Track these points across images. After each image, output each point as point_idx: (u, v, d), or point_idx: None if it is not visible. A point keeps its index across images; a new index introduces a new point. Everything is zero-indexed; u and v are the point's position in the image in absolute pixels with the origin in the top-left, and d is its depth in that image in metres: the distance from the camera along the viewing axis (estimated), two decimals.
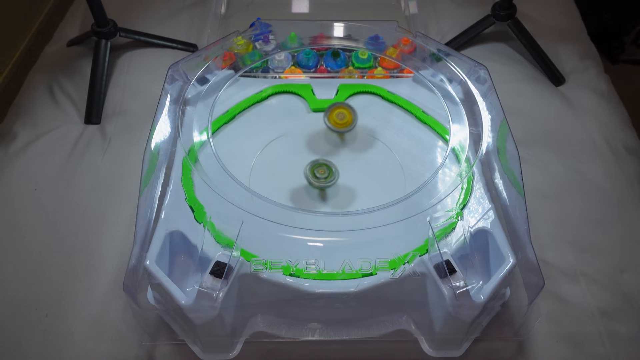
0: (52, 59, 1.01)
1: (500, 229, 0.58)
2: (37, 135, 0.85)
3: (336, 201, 0.64)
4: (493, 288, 0.54)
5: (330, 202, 0.64)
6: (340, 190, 0.65)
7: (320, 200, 0.64)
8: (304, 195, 0.64)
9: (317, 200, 0.64)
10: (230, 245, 0.55)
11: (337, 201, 0.64)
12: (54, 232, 0.72)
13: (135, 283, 0.55)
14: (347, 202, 0.63)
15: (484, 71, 0.72)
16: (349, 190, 0.65)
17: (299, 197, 0.64)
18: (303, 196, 0.64)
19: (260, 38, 0.80)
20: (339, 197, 0.64)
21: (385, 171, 0.68)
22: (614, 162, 0.84)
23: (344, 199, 0.64)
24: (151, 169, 0.62)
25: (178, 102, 0.69)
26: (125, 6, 1.10)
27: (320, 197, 0.64)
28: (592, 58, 1.03)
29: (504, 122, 0.66)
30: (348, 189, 0.65)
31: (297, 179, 0.66)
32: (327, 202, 0.64)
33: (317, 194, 0.64)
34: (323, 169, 0.62)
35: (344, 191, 0.65)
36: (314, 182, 0.61)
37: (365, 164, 0.69)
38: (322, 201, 0.64)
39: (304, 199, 0.64)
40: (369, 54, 0.79)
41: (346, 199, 0.64)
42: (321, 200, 0.64)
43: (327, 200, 0.64)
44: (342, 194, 0.65)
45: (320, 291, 0.54)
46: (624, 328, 0.65)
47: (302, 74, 0.79)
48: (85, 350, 0.61)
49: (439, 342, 0.60)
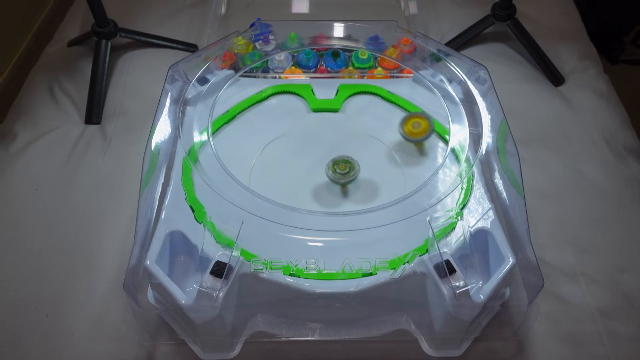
0: (52, 59, 1.01)
1: (500, 229, 0.58)
2: (37, 135, 0.85)
3: (336, 201, 0.64)
4: (493, 288, 0.54)
5: (330, 202, 0.64)
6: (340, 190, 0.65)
7: (320, 200, 0.64)
8: (304, 195, 0.64)
9: (317, 200, 0.64)
10: (230, 245, 0.55)
11: (337, 201, 0.64)
12: (54, 232, 0.72)
13: (136, 283, 0.55)
14: (347, 202, 0.63)
15: (483, 71, 0.72)
16: (349, 190, 0.65)
17: (299, 197, 0.64)
18: (303, 196, 0.64)
19: (260, 38, 0.80)
20: (339, 197, 0.64)
21: (385, 171, 0.68)
22: (614, 162, 0.84)
23: (344, 198, 0.64)
24: (151, 169, 0.62)
25: (178, 102, 0.69)
26: (126, 6, 1.10)
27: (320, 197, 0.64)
28: (591, 58, 1.03)
29: (504, 122, 0.66)
30: (348, 189, 0.65)
31: (298, 179, 0.66)
32: (326, 201, 0.64)
33: (318, 194, 0.65)
34: (344, 165, 0.63)
35: (344, 191, 0.65)
36: (337, 179, 0.63)
37: (365, 164, 0.69)
38: (322, 201, 0.64)
39: (304, 199, 0.64)
40: (369, 54, 0.79)
41: (346, 199, 0.64)
42: (321, 200, 0.64)
43: (326, 200, 0.64)
44: (342, 193, 0.65)
45: (320, 291, 0.54)
46: (624, 328, 0.65)
47: (302, 74, 0.79)
48: (85, 350, 0.61)
49: (438, 342, 0.60)
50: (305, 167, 0.68)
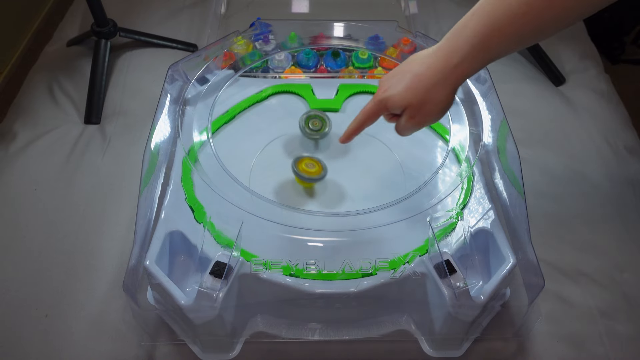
0: (52, 59, 1.01)
1: (500, 229, 0.58)
2: (37, 135, 0.85)
3: (336, 201, 0.64)
4: (493, 288, 0.54)
5: (330, 202, 0.64)
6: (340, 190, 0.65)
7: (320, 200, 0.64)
8: (304, 195, 0.64)
9: (317, 200, 0.64)
10: (230, 245, 0.55)
11: (337, 201, 0.64)
12: (54, 232, 0.72)
13: (135, 283, 0.55)
14: (347, 202, 0.63)
15: (484, 71, 0.72)
16: (349, 190, 0.65)
17: (299, 197, 0.64)
18: (303, 196, 0.64)
19: (260, 38, 0.80)
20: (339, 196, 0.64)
21: (385, 171, 0.68)
22: (614, 162, 0.84)
23: (344, 199, 0.64)
24: (151, 169, 0.62)
25: (178, 102, 0.69)
26: (125, 6, 1.10)
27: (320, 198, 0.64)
28: (592, 58, 1.03)
29: (504, 122, 0.66)
30: (348, 189, 0.65)
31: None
32: (326, 201, 0.64)
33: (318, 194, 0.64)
34: (317, 121, 0.66)
35: (344, 191, 0.65)
36: (309, 133, 0.66)
37: (366, 164, 0.69)
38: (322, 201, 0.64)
39: (304, 199, 0.64)
40: (369, 54, 0.79)
41: (346, 199, 0.64)
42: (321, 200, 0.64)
43: (326, 200, 0.64)
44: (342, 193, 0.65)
45: (320, 291, 0.54)
46: (624, 328, 0.65)
47: (302, 74, 0.79)
48: (85, 350, 0.61)
49: (439, 342, 0.60)
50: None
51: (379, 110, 0.56)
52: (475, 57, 0.49)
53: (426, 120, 0.53)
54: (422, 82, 0.51)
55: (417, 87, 0.51)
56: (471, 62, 0.49)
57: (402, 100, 0.52)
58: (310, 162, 0.63)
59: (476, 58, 0.49)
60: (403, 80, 0.53)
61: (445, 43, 0.50)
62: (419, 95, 0.52)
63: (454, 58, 0.49)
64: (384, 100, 0.54)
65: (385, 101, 0.54)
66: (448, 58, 0.50)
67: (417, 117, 0.53)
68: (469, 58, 0.49)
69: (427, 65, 0.51)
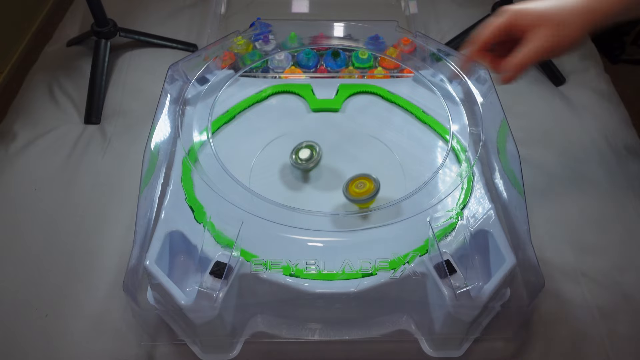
0: (52, 59, 1.01)
1: (500, 229, 0.58)
2: (37, 135, 0.85)
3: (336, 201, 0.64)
4: (493, 288, 0.54)
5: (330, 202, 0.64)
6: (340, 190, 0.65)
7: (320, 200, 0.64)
8: (304, 195, 0.64)
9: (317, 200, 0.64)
10: (230, 245, 0.55)
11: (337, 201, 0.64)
12: (54, 232, 0.72)
13: (135, 283, 0.55)
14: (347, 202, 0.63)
15: (484, 71, 0.72)
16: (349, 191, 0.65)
17: (299, 197, 0.64)
18: (303, 196, 0.64)
19: (260, 38, 0.80)
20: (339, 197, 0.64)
21: (385, 171, 0.68)
22: (614, 162, 0.84)
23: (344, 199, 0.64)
24: (151, 169, 0.62)
25: (178, 102, 0.69)
26: (125, 6, 1.10)
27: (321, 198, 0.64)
28: (592, 58, 1.03)
29: (504, 122, 0.66)
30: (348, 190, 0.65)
31: (298, 179, 0.66)
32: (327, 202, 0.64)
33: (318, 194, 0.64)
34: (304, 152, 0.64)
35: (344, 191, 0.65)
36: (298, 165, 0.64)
37: (366, 164, 0.69)
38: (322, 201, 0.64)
39: (304, 199, 0.64)
40: (369, 54, 0.79)
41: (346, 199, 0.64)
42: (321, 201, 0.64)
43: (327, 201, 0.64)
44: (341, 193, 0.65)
45: (320, 291, 0.54)
46: (624, 328, 0.65)
47: (302, 74, 0.79)
48: (85, 350, 0.61)
49: (439, 342, 0.60)
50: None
51: (510, 24, 0.50)
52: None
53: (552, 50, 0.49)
54: (564, 7, 0.48)
55: (558, 9, 0.48)
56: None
57: (540, 15, 0.49)
58: (360, 182, 0.61)
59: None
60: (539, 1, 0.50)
61: None
62: (558, 16, 0.48)
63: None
64: (519, 12, 0.50)
65: (520, 13, 0.50)
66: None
67: (546, 43, 0.48)
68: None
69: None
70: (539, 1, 0.50)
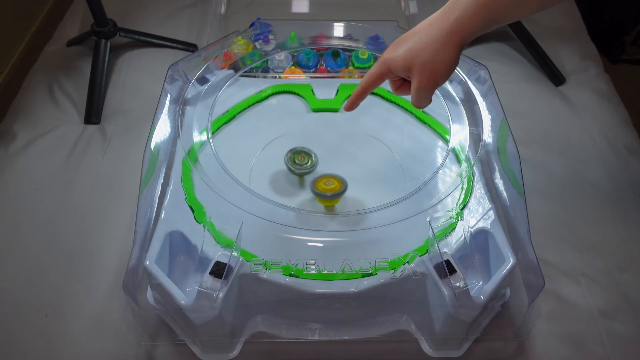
0: (51, 59, 1.01)
1: (500, 229, 0.58)
2: (37, 135, 0.85)
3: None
4: (493, 288, 0.54)
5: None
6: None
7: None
8: (304, 196, 0.64)
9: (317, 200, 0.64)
10: (230, 245, 0.55)
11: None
12: (54, 232, 0.72)
13: (135, 283, 0.55)
14: (347, 202, 0.63)
15: (484, 71, 0.72)
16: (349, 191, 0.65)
17: (299, 197, 0.64)
18: (303, 196, 0.64)
19: (260, 38, 0.80)
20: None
21: (385, 171, 0.68)
22: (615, 162, 0.84)
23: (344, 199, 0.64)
24: (151, 169, 0.62)
25: (178, 102, 0.69)
26: (125, 6, 1.10)
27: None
28: (592, 58, 1.03)
29: (504, 122, 0.66)
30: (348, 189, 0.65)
31: (297, 179, 0.66)
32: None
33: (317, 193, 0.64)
34: (302, 156, 0.65)
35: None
36: (294, 169, 0.64)
37: (365, 164, 0.69)
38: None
39: (304, 199, 0.64)
40: (369, 54, 0.79)
41: (346, 199, 0.64)
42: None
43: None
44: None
45: (320, 291, 0.54)
46: (624, 328, 0.65)
47: (302, 74, 0.79)
48: (85, 350, 0.61)
49: (439, 343, 0.60)
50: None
51: (382, 72, 0.55)
52: (475, 12, 0.48)
53: (432, 81, 0.52)
54: (423, 40, 0.51)
55: (418, 46, 0.51)
56: (471, 17, 0.49)
57: (404, 60, 0.52)
58: (328, 180, 0.62)
59: (477, 14, 0.49)
60: (406, 41, 0.52)
61: (448, 1, 0.51)
62: (420, 53, 0.51)
63: (454, 12, 0.49)
64: (386, 61, 0.53)
65: (388, 62, 0.53)
66: (448, 13, 0.50)
67: (423, 78, 0.51)
68: (468, 13, 0.49)
69: (428, 22, 0.51)
70: (406, 41, 0.53)
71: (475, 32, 0.50)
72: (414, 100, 0.55)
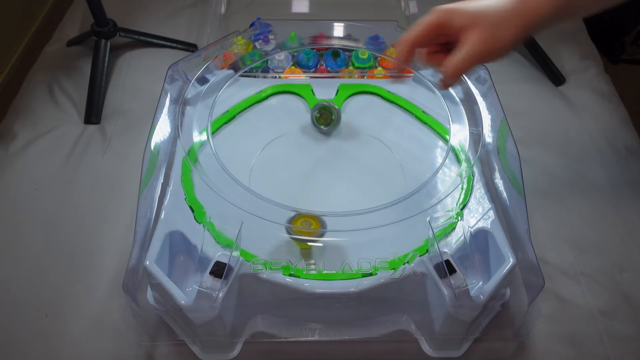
0: (51, 59, 1.01)
1: (500, 229, 0.58)
2: (37, 135, 0.85)
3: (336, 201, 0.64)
4: (493, 288, 0.54)
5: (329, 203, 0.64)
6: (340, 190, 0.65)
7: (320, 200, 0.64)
8: (304, 196, 0.64)
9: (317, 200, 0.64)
10: (230, 245, 0.55)
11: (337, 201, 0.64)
12: (54, 232, 0.72)
13: (135, 283, 0.55)
14: (347, 202, 0.63)
15: (484, 71, 0.72)
16: (349, 191, 0.65)
17: (299, 197, 0.64)
18: (303, 196, 0.64)
19: (260, 38, 0.80)
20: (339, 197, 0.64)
21: (385, 171, 0.68)
22: (615, 162, 0.84)
23: (344, 198, 0.64)
24: (151, 169, 0.62)
25: (178, 102, 0.69)
26: (125, 6, 1.10)
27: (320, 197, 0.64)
28: (592, 58, 1.03)
29: (504, 122, 0.66)
30: (348, 189, 0.65)
31: (297, 179, 0.66)
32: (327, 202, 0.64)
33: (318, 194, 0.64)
34: (326, 114, 0.69)
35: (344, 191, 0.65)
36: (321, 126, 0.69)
37: (366, 164, 0.69)
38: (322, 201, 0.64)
39: (304, 199, 0.64)
40: (369, 54, 0.79)
41: (346, 199, 0.64)
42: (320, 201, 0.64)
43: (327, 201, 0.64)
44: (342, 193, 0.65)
45: (320, 291, 0.54)
46: (624, 328, 0.65)
47: (302, 74, 0.79)
48: (85, 350, 0.61)
49: (439, 343, 0.60)
50: (305, 167, 0.68)
51: (440, 22, 0.49)
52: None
53: (487, 53, 0.48)
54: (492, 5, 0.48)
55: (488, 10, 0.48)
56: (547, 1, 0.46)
57: (472, 18, 0.47)
58: (306, 220, 0.57)
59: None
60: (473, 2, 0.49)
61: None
62: (489, 18, 0.47)
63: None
64: (448, 10, 0.48)
65: (450, 12, 0.48)
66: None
67: (486, 40, 0.47)
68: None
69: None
70: (472, 1, 0.49)
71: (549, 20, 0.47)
72: (451, 71, 0.49)
